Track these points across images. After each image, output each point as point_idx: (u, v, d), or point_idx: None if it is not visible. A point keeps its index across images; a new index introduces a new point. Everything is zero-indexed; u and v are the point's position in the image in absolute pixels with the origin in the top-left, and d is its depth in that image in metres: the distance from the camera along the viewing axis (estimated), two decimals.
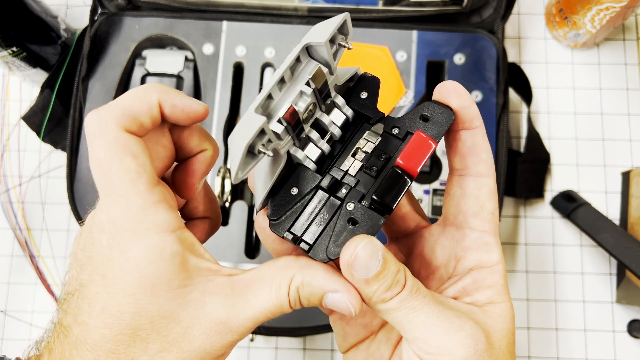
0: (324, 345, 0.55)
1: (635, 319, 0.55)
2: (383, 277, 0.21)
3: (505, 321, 0.23)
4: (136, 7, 0.55)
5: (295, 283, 0.22)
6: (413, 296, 0.21)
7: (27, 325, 0.57)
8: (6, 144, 0.60)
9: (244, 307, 0.22)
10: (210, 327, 0.21)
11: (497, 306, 0.23)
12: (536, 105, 0.60)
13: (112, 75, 0.52)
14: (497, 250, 0.23)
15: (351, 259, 0.20)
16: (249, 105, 0.52)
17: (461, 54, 0.53)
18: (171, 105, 0.23)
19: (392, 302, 0.21)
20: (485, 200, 0.23)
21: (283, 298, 0.22)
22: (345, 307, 0.22)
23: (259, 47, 0.53)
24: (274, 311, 0.22)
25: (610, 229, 0.51)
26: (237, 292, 0.22)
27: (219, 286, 0.22)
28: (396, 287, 0.21)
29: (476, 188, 0.23)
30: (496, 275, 0.23)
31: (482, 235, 0.23)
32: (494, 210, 0.23)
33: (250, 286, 0.22)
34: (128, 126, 0.21)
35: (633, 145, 0.58)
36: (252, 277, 0.22)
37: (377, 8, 0.53)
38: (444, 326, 0.21)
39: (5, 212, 0.58)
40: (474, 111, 0.23)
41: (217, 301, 0.21)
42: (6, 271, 0.58)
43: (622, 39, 0.61)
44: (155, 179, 0.22)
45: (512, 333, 0.23)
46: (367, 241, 0.20)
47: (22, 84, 0.61)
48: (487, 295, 0.23)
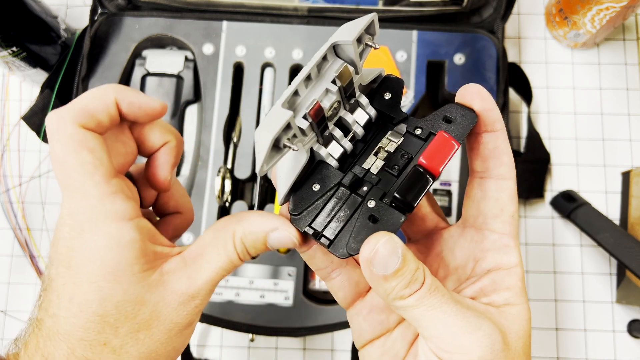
0: (324, 345, 0.55)
1: (635, 318, 0.55)
2: (402, 274, 0.21)
3: (522, 323, 0.23)
4: (136, 7, 0.55)
5: (238, 236, 0.24)
6: (432, 294, 0.21)
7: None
8: (6, 144, 0.60)
9: (199, 273, 0.23)
10: (174, 300, 0.23)
11: (514, 308, 0.23)
12: (536, 105, 0.60)
13: (112, 75, 0.52)
14: (516, 252, 0.23)
15: (371, 255, 0.21)
16: (249, 105, 0.52)
17: (461, 54, 0.53)
18: (128, 103, 0.24)
19: (410, 299, 0.21)
20: (506, 202, 0.24)
21: (231, 253, 0.24)
22: (288, 239, 0.24)
23: (259, 47, 0.53)
24: (227, 267, 0.24)
25: (610, 229, 0.51)
26: (189, 263, 0.24)
27: (174, 263, 0.24)
28: (415, 285, 0.21)
29: (497, 190, 0.24)
30: (514, 278, 0.23)
31: (502, 237, 0.24)
32: (514, 213, 0.24)
33: (199, 254, 0.24)
34: (85, 123, 0.22)
35: (633, 145, 0.58)
36: (198, 245, 0.24)
37: (377, 8, 0.53)
38: (462, 325, 0.21)
39: (5, 212, 0.58)
40: (497, 114, 0.24)
41: (175, 277, 0.23)
42: (6, 271, 0.58)
43: (622, 39, 0.61)
44: (113, 172, 0.23)
45: (528, 335, 0.23)
46: (388, 238, 0.21)
47: (22, 84, 0.61)
48: (504, 296, 0.23)
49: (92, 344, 0.22)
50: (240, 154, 0.52)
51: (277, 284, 0.49)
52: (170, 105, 0.52)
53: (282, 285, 0.49)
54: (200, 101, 0.54)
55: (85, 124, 0.23)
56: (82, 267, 0.22)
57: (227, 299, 0.49)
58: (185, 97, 0.53)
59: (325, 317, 0.48)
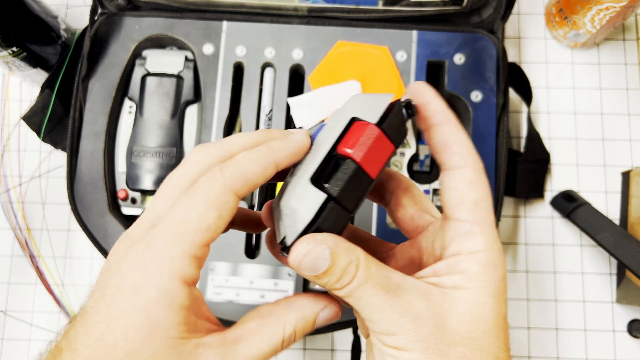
0: (324, 345, 0.55)
1: (635, 318, 0.55)
2: (331, 273, 0.22)
3: (468, 306, 0.22)
4: (136, 7, 0.55)
5: (290, 325, 0.24)
6: (360, 287, 0.22)
7: (27, 326, 0.57)
8: (6, 144, 0.60)
9: (234, 356, 0.23)
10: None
11: (462, 291, 0.22)
12: (536, 105, 0.60)
13: (112, 75, 0.52)
14: (482, 239, 0.23)
15: (295, 262, 0.22)
16: (249, 105, 0.52)
17: (461, 54, 0.53)
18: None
19: (342, 292, 0.22)
20: (464, 191, 0.23)
21: (277, 342, 0.24)
22: (335, 314, 0.25)
23: (259, 47, 0.53)
24: (266, 355, 0.24)
25: (610, 229, 0.51)
26: (227, 344, 0.23)
27: (212, 339, 0.23)
28: (344, 279, 0.22)
29: (454, 181, 0.24)
30: (472, 262, 0.23)
31: (464, 224, 0.23)
32: (477, 200, 0.23)
33: (240, 337, 0.23)
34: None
35: (633, 145, 0.58)
36: (241, 328, 0.24)
37: (377, 8, 0.53)
38: (388, 313, 0.22)
39: (5, 212, 0.58)
40: (436, 106, 0.24)
41: (209, 353, 0.22)
42: (6, 271, 0.58)
43: (622, 39, 0.61)
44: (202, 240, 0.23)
45: (481, 321, 0.22)
46: (311, 246, 0.22)
47: (22, 84, 0.61)
48: (454, 279, 0.23)
49: None
50: None
51: (277, 284, 0.49)
52: (170, 106, 0.52)
53: (282, 285, 0.49)
54: (200, 101, 0.54)
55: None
56: (124, 312, 0.21)
57: (227, 299, 0.49)
58: (185, 97, 0.53)
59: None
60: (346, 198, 0.23)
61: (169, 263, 0.21)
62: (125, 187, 0.52)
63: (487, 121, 0.51)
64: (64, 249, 0.58)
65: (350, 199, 0.23)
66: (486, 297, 0.22)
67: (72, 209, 0.50)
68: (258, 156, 0.23)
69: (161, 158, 0.51)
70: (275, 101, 0.52)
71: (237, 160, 0.23)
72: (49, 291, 0.57)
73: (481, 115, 0.52)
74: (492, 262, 0.23)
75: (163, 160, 0.51)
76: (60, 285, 0.57)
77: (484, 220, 0.23)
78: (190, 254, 0.21)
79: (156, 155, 0.51)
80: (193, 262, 0.22)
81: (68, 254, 0.58)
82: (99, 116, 0.52)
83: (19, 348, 0.56)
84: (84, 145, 0.51)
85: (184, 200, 0.22)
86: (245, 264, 0.49)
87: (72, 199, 0.50)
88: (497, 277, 0.23)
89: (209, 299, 0.49)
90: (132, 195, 0.52)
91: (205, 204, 0.22)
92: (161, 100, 0.52)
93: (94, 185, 0.50)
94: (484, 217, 0.23)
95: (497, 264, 0.23)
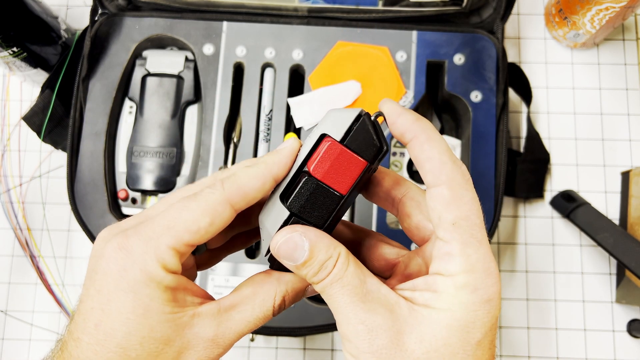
0: (324, 345, 0.55)
1: (635, 318, 0.55)
2: (310, 265, 0.23)
3: (431, 327, 0.21)
4: (136, 8, 0.55)
5: (280, 295, 0.25)
6: (332, 284, 0.23)
7: (27, 326, 0.57)
8: (7, 144, 0.60)
9: (229, 323, 0.24)
10: (199, 345, 0.23)
11: (430, 311, 0.22)
12: (536, 105, 0.60)
13: (112, 75, 0.52)
14: (460, 261, 0.22)
15: (275, 251, 0.23)
16: (249, 105, 0.52)
17: (461, 54, 0.53)
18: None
19: (318, 287, 0.23)
20: (441, 211, 0.22)
21: (268, 310, 0.25)
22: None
23: (259, 47, 0.53)
24: (258, 322, 0.25)
25: (609, 229, 0.51)
26: (222, 312, 0.24)
27: (207, 307, 0.24)
28: (322, 273, 0.23)
29: (431, 200, 0.23)
30: (447, 284, 0.22)
31: (444, 245, 0.22)
32: (455, 220, 0.22)
33: (234, 304, 0.24)
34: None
35: (632, 145, 0.58)
36: (235, 296, 0.25)
37: (376, 8, 0.53)
38: (349, 316, 0.22)
39: (6, 212, 0.58)
40: (403, 125, 0.23)
41: (205, 321, 0.23)
42: (7, 271, 0.58)
43: (621, 39, 0.61)
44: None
45: (442, 343, 0.21)
46: (290, 236, 0.23)
47: (23, 84, 0.62)
48: (425, 297, 0.22)
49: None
50: (240, 154, 0.52)
51: None
52: (170, 106, 0.53)
53: None
54: (200, 101, 0.54)
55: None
56: (114, 295, 0.22)
57: None
58: (185, 98, 0.53)
59: (325, 317, 0.48)
60: (310, 214, 0.23)
61: (153, 250, 0.22)
62: (125, 187, 0.52)
63: (487, 121, 0.52)
64: (64, 249, 0.58)
65: (317, 215, 0.23)
66: (455, 321, 0.21)
67: (73, 209, 0.50)
68: (256, 172, 0.24)
69: (161, 158, 0.51)
70: (275, 101, 0.52)
71: (236, 176, 0.24)
72: (49, 291, 0.57)
73: (481, 115, 0.52)
74: (472, 285, 0.22)
75: (163, 161, 0.51)
76: (60, 285, 0.57)
77: (465, 240, 0.22)
78: (174, 247, 0.22)
79: (156, 156, 0.51)
80: (175, 255, 0.22)
81: (68, 254, 0.58)
82: (99, 116, 0.52)
83: (19, 348, 0.56)
84: (84, 145, 0.51)
85: (182, 202, 0.23)
86: (246, 264, 0.49)
87: (73, 199, 0.50)
88: (476, 301, 0.21)
89: None
90: (132, 196, 0.52)
91: (201, 209, 0.23)
92: (161, 100, 0.52)
93: (94, 186, 0.50)
94: (465, 238, 0.22)
95: (478, 286, 0.22)
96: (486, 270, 0.22)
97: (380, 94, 0.52)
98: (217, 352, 0.24)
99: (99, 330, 0.22)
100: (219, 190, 0.23)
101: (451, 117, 0.58)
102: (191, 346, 0.23)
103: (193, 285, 0.24)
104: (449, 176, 0.22)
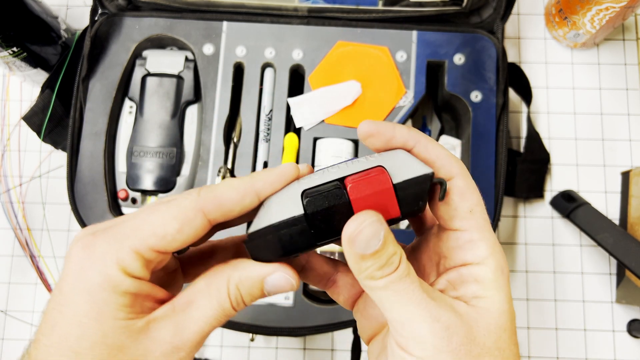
0: (324, 345, 0.55)
1: (635, 318, 0.55)
2: (379, 257, 0.21)
3: (492, 316, 0.22)
4: (136, 8, 0.55)
5: (233, 282, 0.23)
6: (401, 280, 0.21)
7: (27, 326, 0.57)
8: (7, 144, 0.60)
9: (187, 322, 0.22)
10: (157, 349, 0.21)
11: (484, 300, 0.22)
12: (536, 105, 0.60)
13: (112, 75, 0.52)
14: (484, 245, 0.23)
15: (354, 233, 0.21)
16: (249, 105, 0.52)
17: (461, 54, 0.53)
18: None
19: (381, 282, 0.21)
20: (457, 201, 0.23)
21: (224, 302, 0.22)
22: (287, 282, 0.23)
23: (259, 47, 0.53)
24: (218, 317, 0.22)
25: (609, 229, 0.51)
26: (178, 311, 0.22)
27: (162, 310, 0.22)
28: (388, 268, 0.21)
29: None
30: (483, 270, 0.23)
31: (463, 234, 0.23)
32: (471, 207, 0.23)
33: (190, 301, 0.22)
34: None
35: (632, 145, 0.58)
36: (189, 292, 0.23)
37: (377, 8, 0.53)
38: (422, 313, 0.21)
39: (6, 212, 0.58)
40: (401, 136, 0.24)
41: (161, 325, 0.22)
42: (7, 271, 0.58)
43: (621, 39, 0.61)
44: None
45: (503, 329, 0.22)
46: (375, 219, 0.21)
47: (23, 84, 0.62)
48: (472, 289, 0.23)
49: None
50: (240, 154, 0.52)
51: None
52: (170, 106, 0.53)
53: None
54: (200, 101, 0.54)
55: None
56: (70, 296, 0.21)
57: None
58: (185, 98, 0.53)
59: (325, 317, 0.48)
60: (317, 224, 0.22)
61: (113, 252, 0.21)
62: (125, 187, 0.52)
63: (487, 121, 0.52)
64: (64, 249, 0.58)
65: (322, 228, 0.22)
66: (504, 304, 0.22)
67: (73, 209, 0.50)
68: (238, 184, 0.23)
69: (161, 158, 0.51)
70: (275, 101, 0.52)
71: (216, 186, 0.23)
72: (49, 291, 0.57)
73: (481, 115, 0.52)
74: (500, 266, 0.23)
75: (163, 161, 0.51)
76: None
77: (481, 225, 0.23)
78: (137, 251, 0.21)
79: (156, 156, 0.51)
80: (138, 259, 0.21)
81: None
82: (99, 116, 0.52)
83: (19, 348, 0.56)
84: (84, 145, 0.51)
85: (154, 206, 0.22)
86: None
87: (73, 199, 0.50)
88: (506, 281, 0.23)
89: None
90: (132, 195, 0.52)
91: (170, 213, 0.22)
92: (161, 100, 0.52)
93: (94, 186, 0.50)
94: (481, 223, 0.23)
95: (503, 266, 0.23)
96: (501, 251, 0.23)
97: (381, 94, 0.52)
98: (180, 356, 0.22)
99: (54, 332, 0.21)
100: (193, 197, 0.22)
101: (451, 117, 0.58)
102: (148, 353, 0.21)
103: (160, 292, 0.23)
104: (459, 168, 0.23)
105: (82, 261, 0.21)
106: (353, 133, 0.51)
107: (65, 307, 0.21)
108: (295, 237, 0.22)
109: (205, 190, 0.22)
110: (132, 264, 0.21)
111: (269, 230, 0.22)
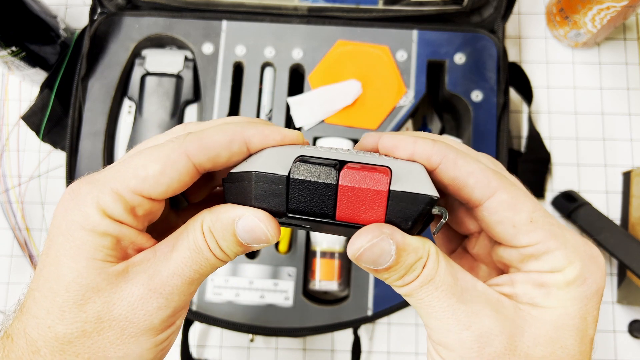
0: (324, 345, 0.55)
1: (636, 319, 0.55)
2: (395, 270, 0.20)
3: (547, 329, 0.19)
4: (136, 7, 0.55)
5: (206, 224, 0.21)
6: (423, 287, 0.20)
7: None
8: (5, 143, 0.60)
9: (165, 264, 0.21)
10: (133, 293, 0.20)
11: (540, 310, 0.20)
12: (537, 105, 0.60)
13: (111, 74, 0.52)
14: (560, 254, 0.20)
15: (355, 256, 0.20)
16: (248, 105, 0.52)
17: (461, 53, 0.52)
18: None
19: (403, 290, 0.20)
20: (511, 216, 0.20)
21: (200, 242, 0.21)
22: (259, 229, 0.21)
23: (258, 46, 0.53)
24: (196, 259, 0.21)
25: (611, 229, 0.51)
26: (159, 254, 0.21)
27: (143, 254, 0.21)
28: (409, 276, 0.20)
29: (493, 213, 0.21)
30: (557, 279, 0.20)
31: (537, 247, 0.21)
32: (530, 217, 0.20)
33: (170, 245, 0.22)
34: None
35: (634, 145, 0.58)
36: (171, 237, 0.22)
37: (377, 8, 0.53)
38: (448, 322, 0.20)
39: (5, 212, 0.58)
40: (423, 152, 0.21)
41: (140, 268, 0.21)
42: (6, 271, 0.58)
43: (622, 39, 0.61)
44: None
45: (559, 345, 0.19)
46: (375, 242, 0.19)
47: (22, 83, 0.61)
48: (531, 295, 0.20)
49: (40, 325, 0.20)
50: None
51: (277, 285, 0.49)
52: (169, 105, 0.52)
53: (282, 285, 0.49)
54: (200, 101, 0.53)
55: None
56: (54, 237, 0.21)
57: (227, 300, 0.49)
58: (184, 97, 0.53)
59: (325, 317, 0.48)
60: (296, 193, 0.20)
61: (96, 192, 0.20)
62: None
63: (487, 121, 0.51)
64: None
65: (299, 200, 0.20)
66: (568, 320, 0.20)
67: None
68: (227, 128, 0.21)
69: None
70: (275, 101, 0.52)
71: (203, 128, 0.22)
72: None
73: (482, 115, 0.51)
74: (581, 276, 0.20)
75: None
76: None
77: (552, 231, 0.20)
78: (118, 192, 0.20)
79: None
80: (120, 201, 0.20)
81: None
82: (98, 116, 0.52)
83: None
84: (84, 145, 0.51)
85: (140, 151, 0.22)
86: (245, 264, 0.49)
87: None
88: (587, 294, 0.20)
89: (208, 299, 0.49)
90: None
91: (153, 155, 0.21)
92: (161, 99, 0.52)
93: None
94: (552, 229, 0.20)
95: (586, 275, 0.20)
96: (590, 255, 0.20)
97: (381, 94, 0.52)
98: (158, 302, 0.21)
99: (40, 276, 0.21)
100: (179, 140, 0.21)
101: (452, 116, 0.58)
102: (125, 297, 0.20)
103: (149, 242, 0.22)
104: (498, 180, 0.21)
105: (67, 203, 0.21)
106: (353, 133, 0.51)
107: (50, 249, 0.21)
108: (269, 195, 0.21)
109: (191, 134, 0.21)
110: (112, 205, 0.20)
111: (247, 177, 0.21)
